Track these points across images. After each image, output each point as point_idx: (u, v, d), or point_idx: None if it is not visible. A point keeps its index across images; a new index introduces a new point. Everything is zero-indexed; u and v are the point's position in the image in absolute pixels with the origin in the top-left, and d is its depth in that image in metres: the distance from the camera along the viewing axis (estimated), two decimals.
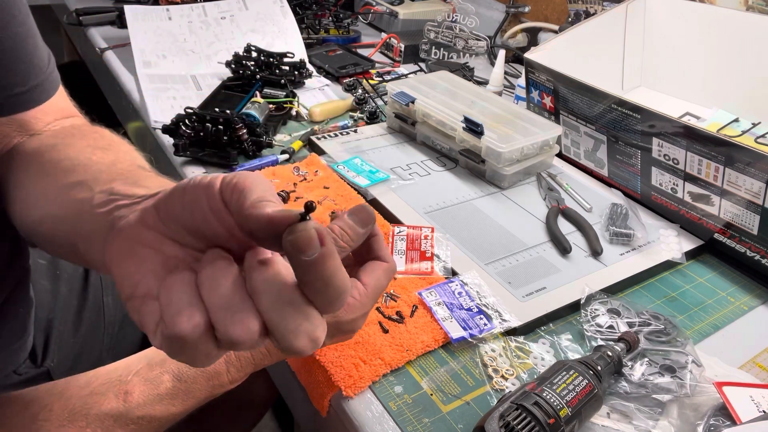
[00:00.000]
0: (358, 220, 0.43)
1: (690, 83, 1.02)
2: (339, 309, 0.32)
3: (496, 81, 1.11)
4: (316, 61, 1.19)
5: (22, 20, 0.54)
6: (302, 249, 0.29)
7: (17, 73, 0.54)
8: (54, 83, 0.59)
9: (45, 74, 0.57)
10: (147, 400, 0.43)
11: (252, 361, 0.47)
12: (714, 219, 0.74)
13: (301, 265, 0.29)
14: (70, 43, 1.88)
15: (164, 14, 1.15)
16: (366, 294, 0.44)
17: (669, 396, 0.53)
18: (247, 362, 0.47)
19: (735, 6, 0.98)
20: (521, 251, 0.72)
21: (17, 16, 0.53)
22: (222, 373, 0.45)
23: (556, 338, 0.61)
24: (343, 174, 0.83)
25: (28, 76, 0.55)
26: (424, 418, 0.51)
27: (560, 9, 1.33)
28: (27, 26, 0.55)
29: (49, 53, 0.60)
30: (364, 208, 0.43)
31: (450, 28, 1.29)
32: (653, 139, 0.75)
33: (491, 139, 0.82)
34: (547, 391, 0.48)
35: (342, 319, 0.44)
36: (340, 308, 0.32)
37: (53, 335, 0.77)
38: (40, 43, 0.57)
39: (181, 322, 0.29)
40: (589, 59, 0.97)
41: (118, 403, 0.42)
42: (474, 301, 0.62)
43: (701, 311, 0.67)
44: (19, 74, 0.54)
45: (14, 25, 0.53)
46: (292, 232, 0.29)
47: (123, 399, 0.43)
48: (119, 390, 0.43)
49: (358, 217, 0.43)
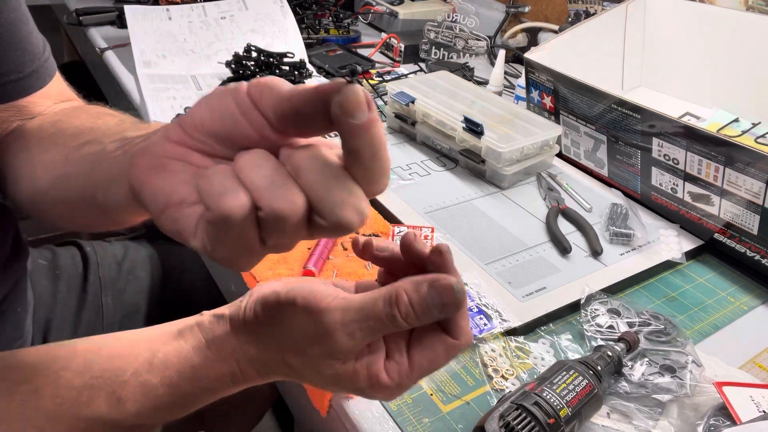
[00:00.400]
0: (439, 302, 0.34)
1: (690, 83, 1.02)
2: (382, 190, 0.30)
3: (496, 81, 1.11)
4: (316, 61, 1.19)
5: (14, 6, 0.54)
6: (352, 110, 0.27)
7: (12, 60, 0.54)
8: (50, 69, 0.59)
9: (40, 61, 0.57)
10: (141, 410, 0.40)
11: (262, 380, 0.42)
12: (714, 219, 0.74)
13: (350, 130, 0.27)
14: (70, 43, 1.88)
15: (164, 14, 1.15)
16: (409, 376, 0.36)
17: (669, 396, 0.53)
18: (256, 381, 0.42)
19: (735, 6, 0.98)
20: (521, 251, 0.72)
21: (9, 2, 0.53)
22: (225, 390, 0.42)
23: (556, 338, 0.61)
24: None
25: (23, 63, 0.55)
26: (424, 418, 0.51)
27: (560, 9, 1.33)
28: (19, 12, 0.54)
29: (44, 40, 0.59)
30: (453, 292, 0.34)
31: (450, 28, 1.29)
32: (653, 139, 0.75)
33: (491, 139, 0.82)
34: (547, 391, 0.48)
35: (368, 395, 0.38)
36: (383, 189, 0.30)
37: (52, 335, 0.77)
38: (33, 30, 0.57)
39: (227, 201, 0.28)
40: (589, 59, 0.97)
41: (110, 408, 0.39)
42: (474, 301, 0.62)
43: (701, 311, 0.67)
44: (14, 61, 0.54)
45: (5, 12, 0.52)
46: (341, 92, 0.27)
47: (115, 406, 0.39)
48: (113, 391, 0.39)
49: (440, 298, 0.34)
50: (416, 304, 0.34)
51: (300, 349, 0.38)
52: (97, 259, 0.86)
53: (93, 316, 0.82)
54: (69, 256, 0.86)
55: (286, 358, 0.39)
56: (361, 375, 0.36)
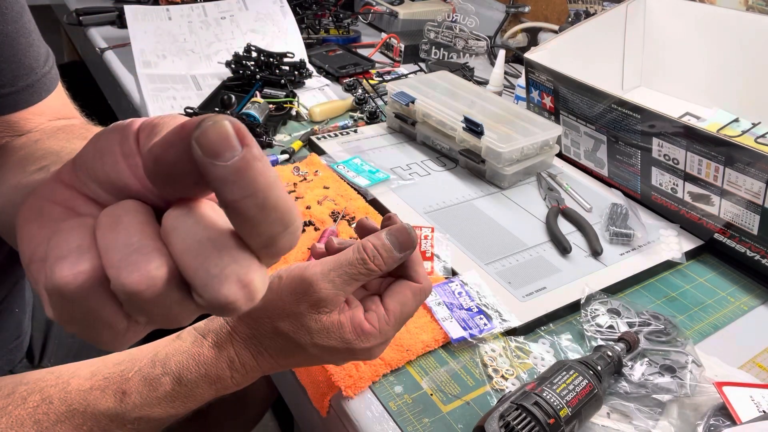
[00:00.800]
0: (396, 242, 0.40)
1: (690, 83, 1.02)
2: (287, 247, 0.23)
3: (496, 81, 1.11)
4: (316, 61, 1.19)
5: (13, 18, 0.52)
6: (215, 148, 0.20)
7: (5, 73, 0.52)
8: (49, 84, 0.57)
9: (38, 75, 0.55)
10: (144, 402, 0.41)
11: (259, 368, 0.44)
12: (714, 219, 0.74)
13: (217, 176, 0.21)
14: (70, 43, 1.88)
15: (164, 14, 1.15)
16: (387, 321, 0.41)
17: (669, 396, 0.53)
18: (254, 369, 0.44)
19: (735, 6, 0.98)
20: (521, 251, 0.72)
21: (6, 13, 0.51)
22: (226, 378, 0.43)
23: (556, 338, 0.61)
24: (343, 174, 0.83)
25: (18, 76, 0.53)
26: (424, 418, 0.51)
27: (560, 9, 1.33)
28: (19, 24, 0.53)
29: (48, 53, 0.57)
30: (406, 231, 0.40)
31: (450, 28, 1.29)
32: (653, 139, 0.75)
33: (491, 139, 0.82)
34: (547, 391, 0.48)
35: (356, 346, 0.41)
36: (289, 246, 0.23)
37: (52, 335, 0.77)
38: (35, 41, 0.55)
39: (61, 268, 0.22)
40: (589, 59, 0.97)
41: (115, 403, 0.40)
42: (474, 301, 0.62)
43: (701, 311, 0.67)
44: (8, 74, 0.52)
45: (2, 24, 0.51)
46: (199, 127, 0.20)
47: (120, 399, 0.40)
48: (118, 389, 0.41)
49: (397, 239, 0.40)
50: (379, 248, 0.40)
51: (287, 309, 0.41)
52: None
53: None
54: None
55: (276, 323, 0.41)
56: (346, 326, 0.41)
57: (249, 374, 0.43)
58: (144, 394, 0.41)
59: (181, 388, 0.41)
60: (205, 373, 0.42)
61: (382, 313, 0.41)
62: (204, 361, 0.42)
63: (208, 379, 0.42)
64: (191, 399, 0.42)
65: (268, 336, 0.42)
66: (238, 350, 0.42)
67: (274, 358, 0.43)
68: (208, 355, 0.42)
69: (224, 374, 0.42)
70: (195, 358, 0.42)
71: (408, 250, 0.40)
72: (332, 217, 0.75)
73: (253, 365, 0.43)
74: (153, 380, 0.41)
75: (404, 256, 0.41)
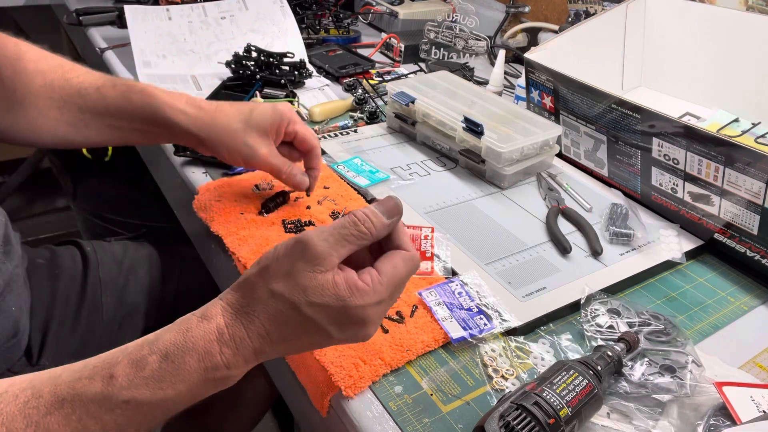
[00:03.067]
0: (384, 209, 0.44)
1: (690, 83, 1.02)
2: None
3: (496, 81, 1.11)
4: (316, 61, 1.19)
5: None
6: None
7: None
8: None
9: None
10: (131, 383, 0.40)
11: (249, 342, 0.43)
12: (714, 219, 0.74)
13: None
14: (70, 43, 1.88)
15: (164, 14, 1.15)
16: (380, 281, 0.43)
17: (669, 396, 0.53)
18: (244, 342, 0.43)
19: (735, 6, 0.98)
20: (521, 251, 0.72)
21: None
22: (214, 354, 0.42)
23: (556, 338, 0.61)
24: (343, 174, 0.83)
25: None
26: (424, 418, 0.51)
27: (560, 9, 1.33)
28: None
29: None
30: (392, 200, 0.44)
31: (450, 28, 1.29)
32: (653, 139, 0.75)
33: (491, 139, 0.82)
34: (547, 391, 0.48)
35: (350, 303, 0.42)
36: None
37: (50, 334, 0.77)
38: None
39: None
40: (589, 59, 0.97)
41: (102, 387, 0.40)
42: (474, 301, 0.62)
43: (701, 311, 0.67)
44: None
45: None
46: None
47: (107, 383, 0.40)
48: (106, 373, 0.41)
49: (384, 206, 0.44)
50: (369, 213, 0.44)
51: (283, 269, 0.43)
52: (97, 258, 0.86)
53: (92, 315, 0.82)
54: (69, 256, 0.86)
55: (272, 285, 0.42)
56: (340, 284, 0.42)
57: (240, 351, 0.42)
58: (131, 375, 0.40)
59: (167, 364, 0.41)
60: (192, 347, 0.41)
61: (375, 273, 0.43)
62: (191, 334, 0.42)
63: (196, 354, 0.41)
64: (179, 378, 0.41)
65: (262, 301, 0.42)
66: (227, 321, 0.42)
67: (266, 327, 0.42)
68: (194, 328, 0.42)
69: (212, 348, 0.42)
70: (182, 333, 0.42)
71: (395, 216, 0.44)
72: (332, 217, 0.75)
73: (243, 336, 0.42)
74: (139, 360, 0.41)
75: (392, 223, 0.44)
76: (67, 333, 0.79)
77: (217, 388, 0.44)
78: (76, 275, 0.84)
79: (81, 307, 0.81)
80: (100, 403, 0.40)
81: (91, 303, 0.82)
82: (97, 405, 0.40)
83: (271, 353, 0.44)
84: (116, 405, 0.40)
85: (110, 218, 1.38)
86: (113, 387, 0.40)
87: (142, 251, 0.92)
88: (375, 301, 0.43)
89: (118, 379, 0.40)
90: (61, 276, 0.82)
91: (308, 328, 0.43)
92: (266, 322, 0.43)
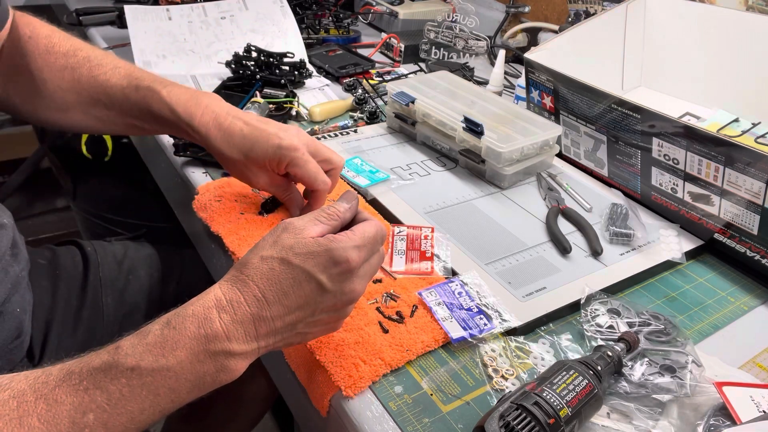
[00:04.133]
0: (344, 198, 0.53)
1: (690, 83, 1.02)
2: None
3: (496, 81, 1.11)
4: (316, 61, 1.19)
5: None
6: None
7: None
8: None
9: None
10: (135, 350, 0.43)
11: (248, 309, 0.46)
12: (714, 219, 0.74)
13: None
14: None
15: (164, 14, 1.15)
16: (351, 232, 0.50)
17: (669, 396, 0.53)
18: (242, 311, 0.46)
19: (735, 6, 0.98)
20: (521, 251, 0.72)
21: None
22: (213, 320, 0.45)
23: (556, 338, 0.61)
24: (343, 174, 0.83)
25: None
26: (424, 418, 0.51)
27: (560, 9, 1.33)
28: None
29: None
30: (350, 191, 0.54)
31: (450, 28, 1.29)
32: (653, 139, 0.75)
33: (491, 139, 0.82)
34: (547, 391, 0.48)
35: (332, 246, 0.47)
36: None
37: (51, 335, 0.77)
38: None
39: None
40: (589, 59, 0.97)
41: (108, 356, 0.43)
42: (474, 301, 0.62)
43: (701, 311, 0.67)
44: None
45: None
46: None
47: (113, 353, 0.43)
48: (112, 346, 0.44)
49: (343, 196, 0.53)
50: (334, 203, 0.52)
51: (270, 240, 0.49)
52: (97, 258, 0.86)
53: (93, 315, 0.82)
54: (69, 256, 0.86)
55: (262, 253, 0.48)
56: (321, 239, 0.48)
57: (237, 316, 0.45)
58: (135, 343, 0.44)
59: (169, 330, 0.44)
60: (192, 313, 0.45)
61: (348, 232, 0.50)
62: (191, 305, 0.46)
63: (196, 320, 0.45)
64: (180, 344, 0.44)
65: (254, 266, 0.47)
66: (224, 290, 0.47)
67: (260, 287, 0.46)
68: (194, 301, 0.46)
69: (211, 314, 0.45)
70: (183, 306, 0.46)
71: (353, 201, 0.53)
72: None
73: (239, 300, 0.46)
74: (144, 330, 0.45)
75: (352, 206, 0.52)
76: (68, 333, 0.79)
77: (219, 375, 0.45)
78: (76, 275, 0.84)
79: (82, 308, 0.81)
80: (106, 371, 0.42)
81: (91, 303, 0.82)
82: (103, 373, 0.42)
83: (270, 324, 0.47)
84: (121, 372, 0.42)
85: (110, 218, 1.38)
86: (118, 355, 0.43)
87: (143, 251, 0.92)
88: (353, 245, 0.48)
89: (123, 348, 0.44)
90: (61, 276, 0.82)
91: (300, 280, 0.47)
92: (260, 282, 0.47)
